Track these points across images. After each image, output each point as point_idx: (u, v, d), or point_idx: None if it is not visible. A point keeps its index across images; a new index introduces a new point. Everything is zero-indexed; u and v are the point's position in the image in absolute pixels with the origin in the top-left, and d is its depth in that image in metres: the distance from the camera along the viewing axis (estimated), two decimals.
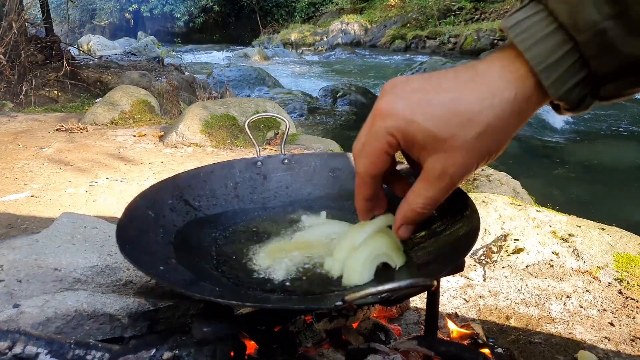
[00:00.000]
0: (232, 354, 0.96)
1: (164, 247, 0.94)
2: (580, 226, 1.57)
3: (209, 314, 0.81)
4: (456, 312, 1.31)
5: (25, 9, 4.50)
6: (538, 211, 1.65)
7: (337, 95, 7.49)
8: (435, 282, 0.63)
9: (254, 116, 1.33)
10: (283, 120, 1.32)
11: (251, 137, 1.27)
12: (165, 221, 1.03)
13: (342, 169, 1.28)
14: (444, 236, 0.88)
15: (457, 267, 0.86)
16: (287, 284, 0.87)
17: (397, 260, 0.85)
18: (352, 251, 0.83)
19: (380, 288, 0.58)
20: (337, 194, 1.23)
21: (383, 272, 0.84)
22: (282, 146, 1.31)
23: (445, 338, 1.08)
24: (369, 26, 15.93)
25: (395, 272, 0.83)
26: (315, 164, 1.29)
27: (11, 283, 1.09)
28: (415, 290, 0.62)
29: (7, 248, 1.15)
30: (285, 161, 1.29)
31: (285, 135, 1.31)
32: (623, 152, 4.45)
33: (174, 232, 1.02)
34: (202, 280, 0.87)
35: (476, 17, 13.33)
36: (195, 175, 1.19)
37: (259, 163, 1.28)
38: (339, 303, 0.67)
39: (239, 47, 15.64)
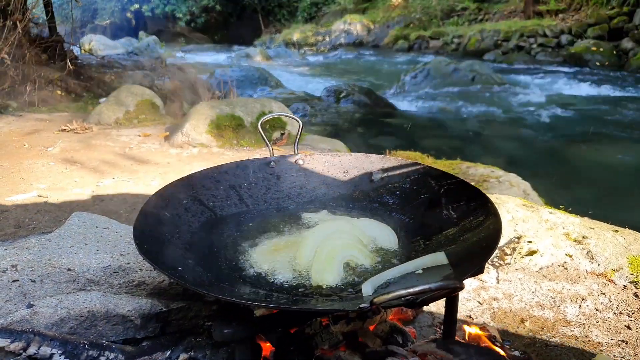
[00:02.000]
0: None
1: (181, 248, 0.94)
2: (593, 228, 1.56)
3: (228, 315, 0.80)
4: (470, 315, 1.30)
5: (30, 8, 4.50)
6: (550, 213, 1.64)
7: (341, 96, 7.47)
8: (465, 284, 0.62)
9: (267, 116, 1.32)
10: (296, 120, 1.31)
11: (264, 137, 1.26)
12: (181, 222, 1.02)
13: (356, 169, 1.27)
14: (467, 238, 0.87)
15: (478, 269, 0.85)
16: (302, 284, 0.86)
17: (363, 261, 0.91)
18: (315, 254, 0.90)
19: (411, 290, 0.57)
20: (351, 195, 1.22)
21: (408, 275, 0.83)
22: (296, 146, 1.30)
23: (462, 341, 1.07)
24: (372, 26, 15.92)
25: (418, 274, 0.82)
26: (329, 164, 1.28)
27: (25, 283, 1.08)
28: (444, 293, 0.62)
29: (20, 248, 1.14)
30: (299, 161, 1.28)
31: (298, 135, 1.30)
32: (633, 154, 4.42)
33: (190, 233, 1.01)
34: (220, 281, 0.86)
35: (480, 17, 13.31)
36: (209, 175, 1.18)
37: (272, 163, 1.27)
38: (365, 305, 0.66)
39: (240, 47, 15.63)
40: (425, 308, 1.32)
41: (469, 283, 1.43)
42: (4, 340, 0.99)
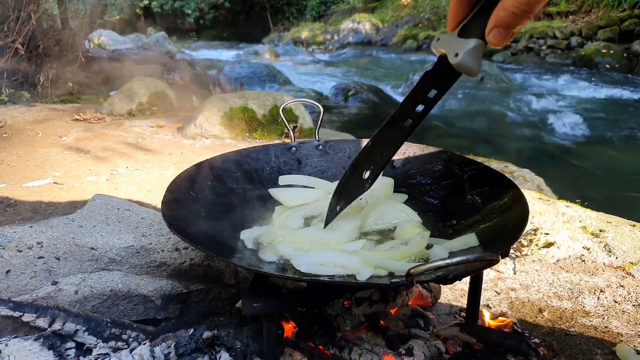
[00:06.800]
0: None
1: (209, 225, 0.95)
2: (610, 222, 1.55)
3: (257, 291, 0.81)
4: (488, 304, 1.30)
5: (43, 1, 4.54)
6: (567, 207, 1.64)
7: (349, 94, 7.47)
8: (500, 257, 0.62)
9: (289, 101, 1.33)
10: (318, 106, 1.32)
11: (285, 121, 1.27)
12: (206, 201, 1.03)
13: None
14: (494, 220, 0.88)
15: (503, 252, 0.85)
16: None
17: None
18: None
19: (448, 261, 0.58)
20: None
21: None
22: (317, 132, 1.31)
23: (484, 325, 1.07)
24: (381, 25, 15.88)
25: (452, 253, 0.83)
26: (350, 150, 1.29)
27: (50, 260, 1.09)
28: (481, 265, 0.62)
29: (45, 226, 1.16)
30: (320, 147, 1.29)
31: (319, 121, 1.30)
32: None
33: (215, 212, 1.02)
34: (241, 253, 0.87)
35: None
36: (232, 158, 1.19)
37: (293, 148, 1.27)
38: (396, 280, 0.66)
39: (249, 45, 15.66)
40: (442, 296, 1.32)
41: (486, 273, 1.43)
42: (30, 315, 1.01)
